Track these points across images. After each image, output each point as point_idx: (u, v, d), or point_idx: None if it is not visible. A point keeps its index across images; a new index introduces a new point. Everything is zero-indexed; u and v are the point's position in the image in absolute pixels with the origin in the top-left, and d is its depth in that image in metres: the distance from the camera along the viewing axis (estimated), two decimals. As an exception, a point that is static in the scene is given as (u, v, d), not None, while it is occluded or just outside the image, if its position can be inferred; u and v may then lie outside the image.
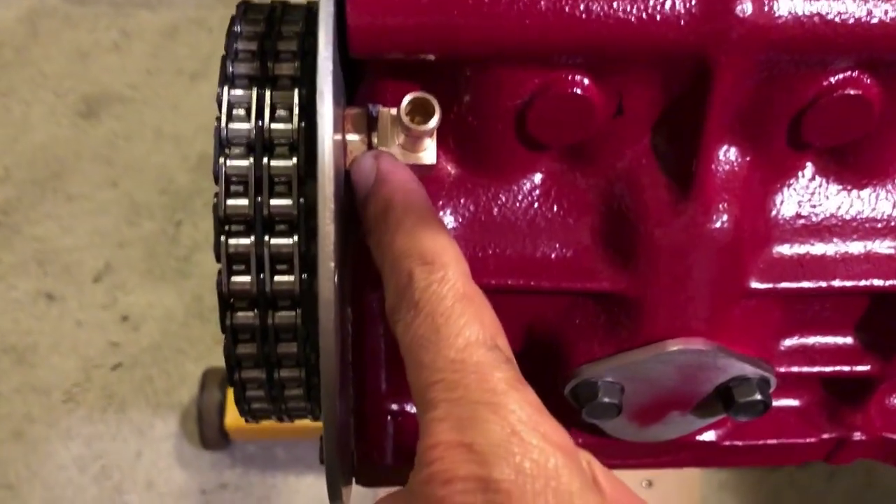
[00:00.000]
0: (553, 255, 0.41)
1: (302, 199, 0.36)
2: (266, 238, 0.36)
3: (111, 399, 1.60)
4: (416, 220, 0.35)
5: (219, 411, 1.50)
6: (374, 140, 0.38)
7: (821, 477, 1.45)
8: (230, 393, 1.48)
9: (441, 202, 0.41)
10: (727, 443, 0.50)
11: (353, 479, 0.48)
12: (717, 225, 0.40)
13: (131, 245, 1.75)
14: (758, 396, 0.43)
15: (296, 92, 0.36)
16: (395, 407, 0.48)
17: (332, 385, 0.34)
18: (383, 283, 0.36)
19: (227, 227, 0.36)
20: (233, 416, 1.49)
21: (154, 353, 1.65)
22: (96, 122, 1.89)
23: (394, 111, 0.38)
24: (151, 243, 1.78)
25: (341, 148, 0.38)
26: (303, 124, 0.36)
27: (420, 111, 0.37)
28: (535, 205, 0.41)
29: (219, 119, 0.36)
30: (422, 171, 0.39)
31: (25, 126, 1.89)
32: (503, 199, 0.41)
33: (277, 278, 0.36)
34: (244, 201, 0.36)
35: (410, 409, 0.48)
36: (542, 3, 0.35)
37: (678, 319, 0.42)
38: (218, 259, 0.36)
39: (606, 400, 0.43)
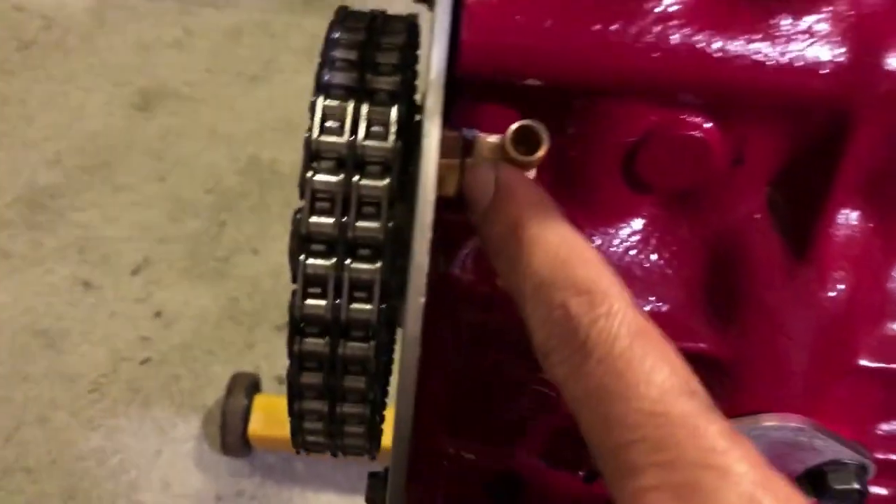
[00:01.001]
0: (648, 308, 0.38)
1: (390, 224, 0.33)
2: (347, 261, 0.33)
3: (136, 393, 1.58)
4: (557, 241, 0.30)
5: (243, 418, 1.47)
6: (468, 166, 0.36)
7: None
8: (256, 399, 1.45)
9: (531, 239, 0.38)
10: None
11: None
12: (832, 294, 0.37)
13: (172, 241, 1.74)
14: (854, 485, 0.39)
15: (394, 108, 0.34)
16: (451, 450, 0.45)
17: (406, 428, 0.31)
18: (524, 316, 0.31)
19: (308, 246, 0.33)
20: (256, 424, 1.46)
21: (183, 352, 1.63)
22: (150, 116, 1.89)
23: (492, 138, 0.35)
24: (193, 241, 1.77)
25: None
26: (399, 143, 0.33)
27: (524, 140, 0.34)
28: (633, 251, 0.38)
29: (310, 129, 0.33)
30: (515, 205, 0.36)
31: (81, 113, 1.90)
32: (598, 241, 0.38)
33: (354, 305, 0.33)
34: (329, 220, 0.33)
35: (468, 454, 0.45)
36: (673, 36, 0.32)
37: (776, 392, 0.38)
38: (294, 279, 0.34)
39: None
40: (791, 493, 0.26)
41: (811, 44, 0.32)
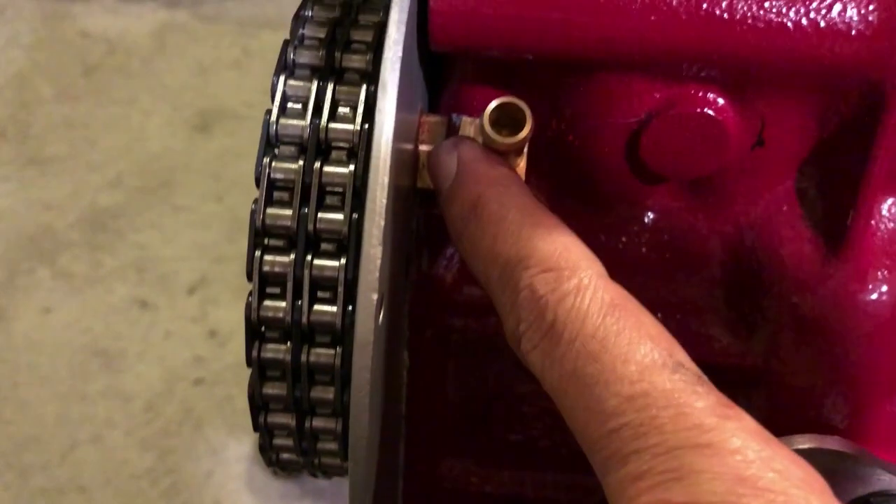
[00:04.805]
0: (659, 314, 0.34)
1: (355, 216, 0.29)
2: (308, 258, 0.29)
3: (189, 414, 1.58)
4: (519, 216, 0.28)
5: (293, 439, 1.46)
6: (454, 154, 0.32)
7: None
8: (305, 422, 1.44)
9: (528, 236, 0.34)
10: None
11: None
12: (874, 296, 0.32)
13: (229, 261, 1.74)
14: (907, 519, 0.34)
15: (363, 88, 0.30)
16: (454, 473, 0.41)
17: (361, 447, 0.27)
18: (494, 304, 0.29)
19: (265, 241, 0.30)
20: (306, 446, 1.45)
21: (237, 372, 1.61)
22: (209, 137, 1.90)
23: (477, 120, 0.31)
24: (248, 261, 1.77)
25: (410, 157, 0.31)
26: (366, 126, 0.30)
27: (508, 122, 0.30)
28: (642, 249, 0.34)
29: (269, 112, 0.30)
30: (507, 197, 0.32)
31: (142, 135, 1.92)
32: (602, 238, 0.34)
33: (317, 307, 0.30)
34: (287, 211, 0.30)
35: (472, 478, 0.41)
36: (674, -4, 0.28)
37: (812, 410, 0.33)
38: (249, 278, 0.30)
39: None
40: (793, 464, 0.23)
41: (837, 1, 0.28)
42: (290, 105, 0.31)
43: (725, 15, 0.28)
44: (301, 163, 0.30)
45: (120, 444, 1.77)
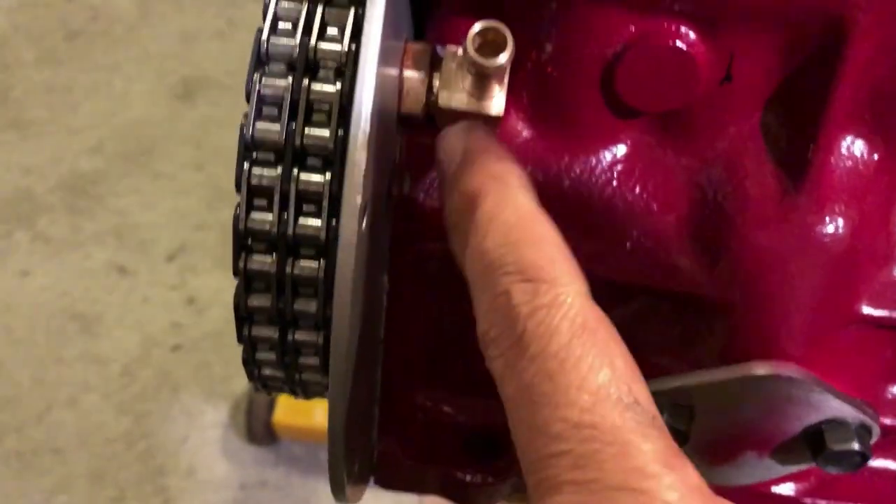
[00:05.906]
0: (628, 244, 0.35)
1: (341, 132, 0.30)
2: (295, 172, 0.31)
3: (166, 379, 1.59)
4: (512, 217, 0.27)
5: (268, 406, 1.47)
6: (436, 83, 0.33)
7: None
8: (282, 388, 1.44)
9: (505, 167, 0.35)
10: (809, 500, 0.42)
11: (371, 478, 0.43)
12: (830, 229, 0.33)
13: (208, 229, 1.75)
14: (855, 446, 0.36)
15: (351, 11, 0.32)
16: (427, 403, 0.43)
17: (343, 346, 0.29)
18: (472, 299, 0.28)
19: (253, 154, 0.31)
20: (281, 413, 1.46)
21: (215, 340, 1.63)
22: (191, 105, 1.91)
23: (460, 49, 0.33)
24: (228, 229, 1.77)
25: (394, 83, 0.32)
26: (353, 46, 0.31)
27: (490, 49, 0.31)
28: (615, 182, 0.36)
29: (260, 30, 0.32)
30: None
31: (125, 102, 1.93)
32: (577, 171, 0.35)
33: (302, 220, 0.31)
34: (276, 126, 0.31)
35: (445, 408, 0.43)
36: (651, -70, 0.30)
37: (770, 339, 0.35)
38: (238, 189, 0.32)
39: (671, 425, 0.36)
40: None
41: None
42: (280, 24, 0.32)
43: (699, -51, 0.30)
44: (290, 80, 0.31)
45: (96, 407, 1.78)
